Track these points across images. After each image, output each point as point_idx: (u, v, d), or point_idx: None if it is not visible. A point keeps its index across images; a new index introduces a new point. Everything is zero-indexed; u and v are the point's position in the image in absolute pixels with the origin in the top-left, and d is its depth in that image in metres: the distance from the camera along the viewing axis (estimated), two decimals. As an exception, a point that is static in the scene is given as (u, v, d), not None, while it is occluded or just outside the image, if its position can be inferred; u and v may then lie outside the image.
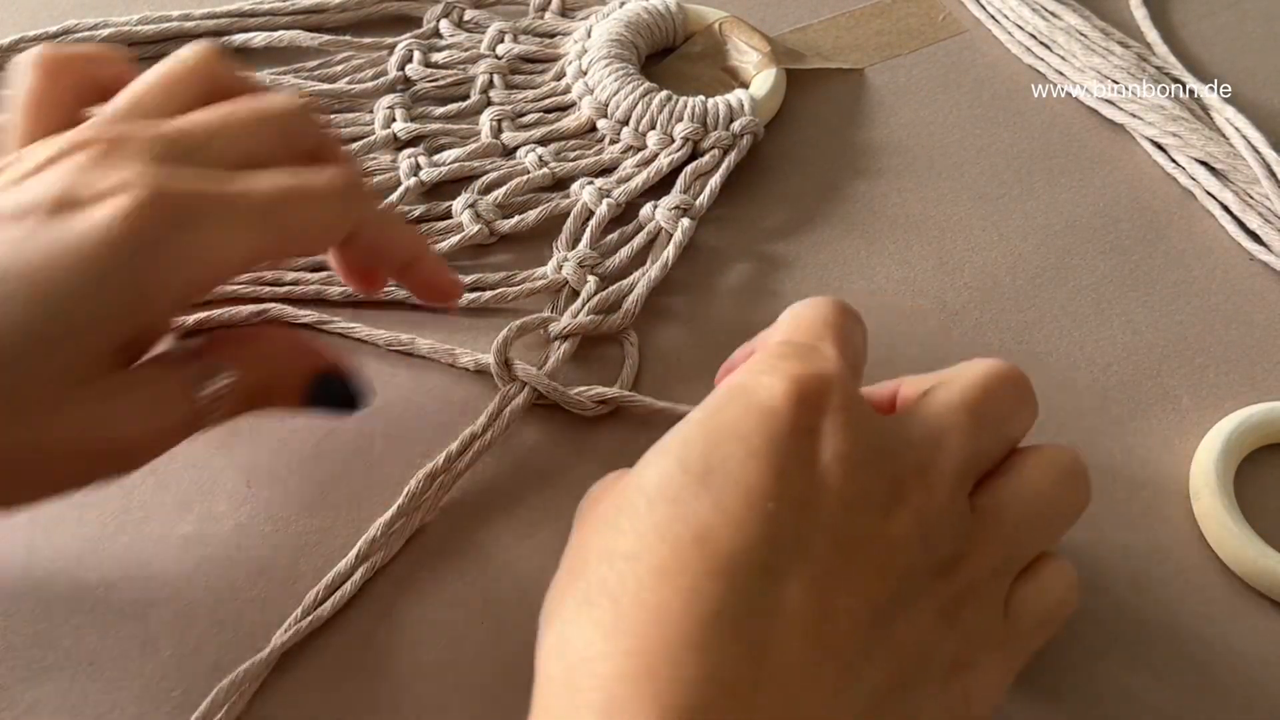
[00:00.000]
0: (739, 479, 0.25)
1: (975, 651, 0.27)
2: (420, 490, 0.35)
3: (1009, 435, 0.29)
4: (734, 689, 0.23)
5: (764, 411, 0.26)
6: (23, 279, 0.26)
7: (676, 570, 0.24)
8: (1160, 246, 0.43)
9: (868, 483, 0.26)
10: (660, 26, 0.48)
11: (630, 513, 0.26)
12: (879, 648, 0.25)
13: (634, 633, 0.24)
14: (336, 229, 0.32)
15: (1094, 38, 0.49)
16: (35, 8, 0.49)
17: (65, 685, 0.32)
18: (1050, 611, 0.29)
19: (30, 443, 0.27)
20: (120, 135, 0.29)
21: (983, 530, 0.27)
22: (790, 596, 0.24)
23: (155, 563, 0.34)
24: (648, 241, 0.42)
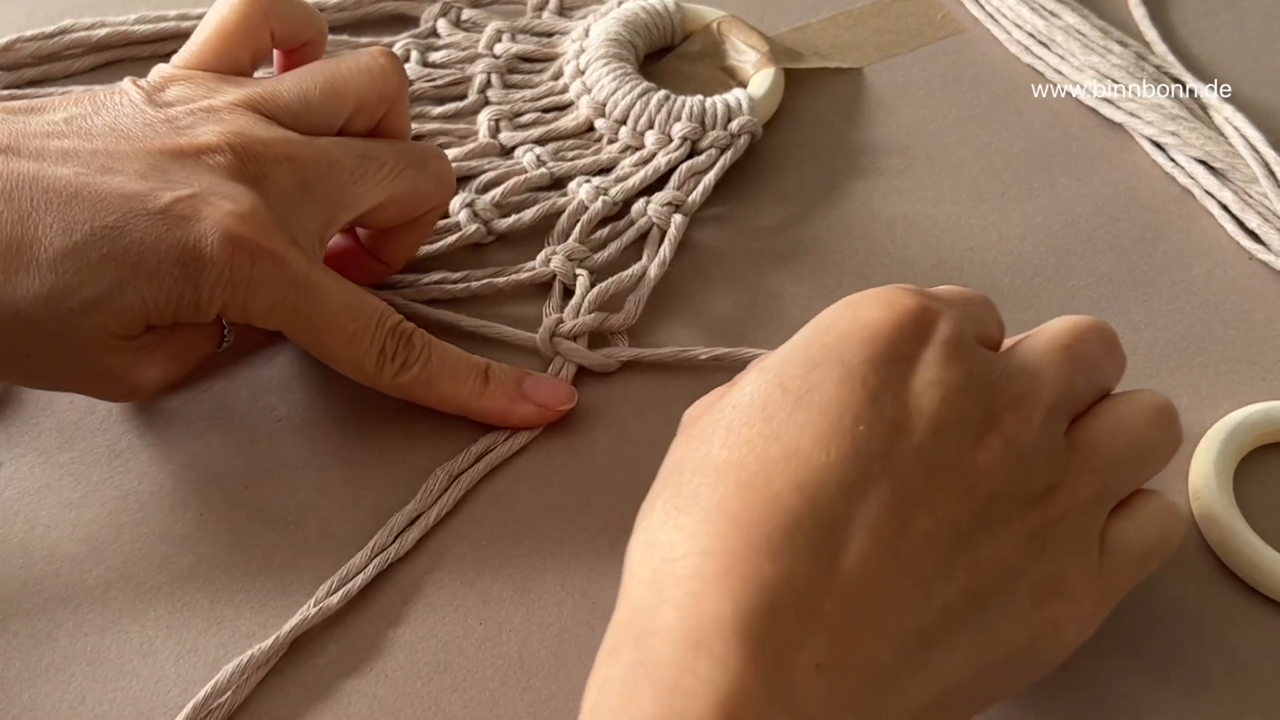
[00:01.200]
0: (833, 399, 0.27)
1: (1069, 580, 0.28)
2: (440, 488, 0.35)
3: (1099, 380, 0.30)
4: (804, 592, 0.24)
5: (867, 335, 0.28)
6: (119, 251, 0.30)
7: (762, 482, 0.26)
8: (1159, 246, 0.43)
9: (962, 410, 0.27)
10: (658, 26, 0.48)
11: (725, 427, 0.27)
12: (958, 566, 0.26)
13: (716, 534, 0.25)
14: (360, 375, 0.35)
15: (1093, 36, 0.49)
16: (31, 7, 0.49)
17: (64, 685, 0.31)
18: (1148, 547, 0.30)
19: (62, 366, 0.32)
20: (264, 150, 0.33)
21: (1077, 463, 0.28)
22: (869, 512, 0.25)
23: (153, 563, 0.34)
24: (638, 237, 0.42)
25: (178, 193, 0.31)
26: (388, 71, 0.36)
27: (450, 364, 0.36)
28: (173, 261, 0.31)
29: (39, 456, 0.36)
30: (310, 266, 0.33)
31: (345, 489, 0.35)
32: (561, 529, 0.35)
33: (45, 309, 0.30)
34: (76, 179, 0.31)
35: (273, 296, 0.32)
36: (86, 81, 0.46)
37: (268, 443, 0.36)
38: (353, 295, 0.34)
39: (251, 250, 0.31)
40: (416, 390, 0.35)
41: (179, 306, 0.31)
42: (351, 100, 0.36)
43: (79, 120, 0.32)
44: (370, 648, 0.32)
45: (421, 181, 0.36)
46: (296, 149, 0.33)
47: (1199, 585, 0.34)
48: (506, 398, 0.36)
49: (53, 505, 0.35)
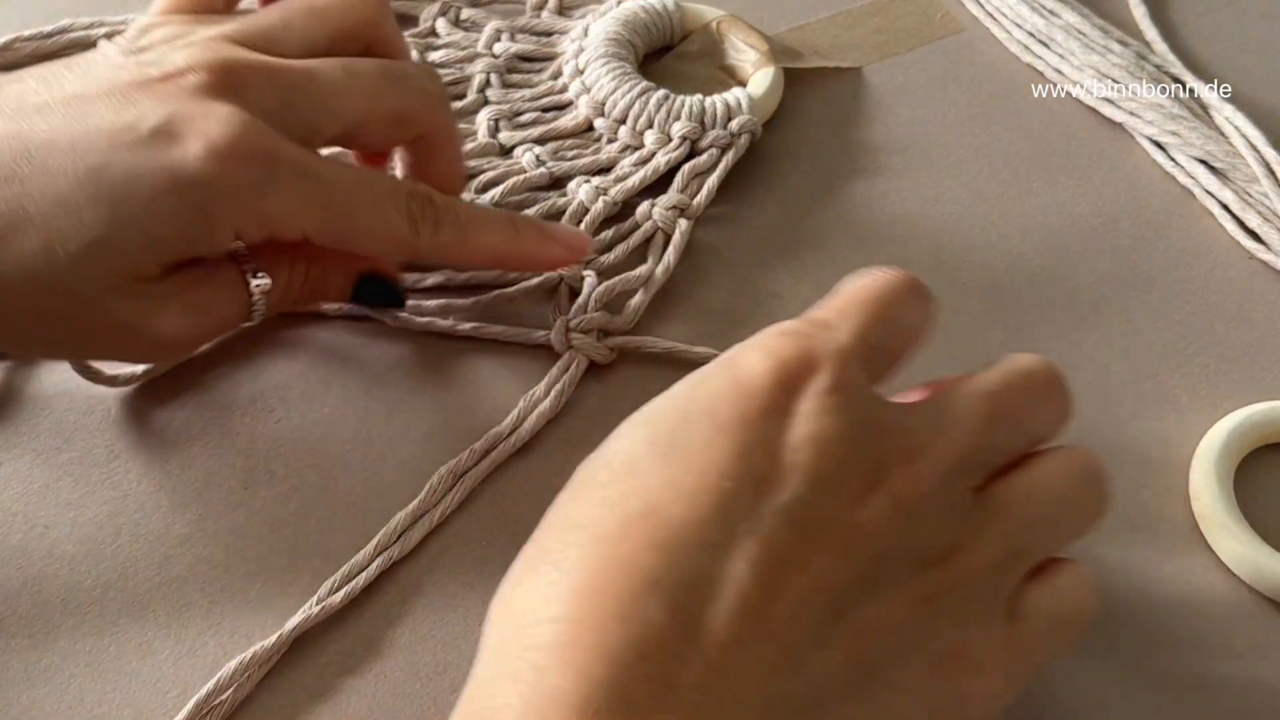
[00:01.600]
0: (700, 454, 0.25)
1: (972, 649, 0.26)
2: (444, 487, 0.35)
3: (1030, 432, 0.28)
4: (656, 660, 0.23)
5: (740, 388, 0.26)
6: (106, 190, 0.30)
7: (618, 540, 0.24)
8: (1159, 245, 0.43)
9: (840, 465, 0.25)
10: (658, 25, 0.48)
11: (591, 484, 0.26)
12: (838, 634, 0.24)
13: (566, 600, 0.24)
14: (400, 241, 0.34)
15: (1093, 36, 0.49)
16: (30, 7, 0.49)
17: (62, 686, 0.31)
18: (1063, 616, 0.28)
19: (79, 325, 0.32)
20: (241, 69, 0.32)
21: (987, 523, 0.27)
22: (735, 574, 0.24)
23: (152, 564, 0.34)
24: (644, 240, 0.42)
25: (154, 119, 0.30)
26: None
27: (479, 215, 0.36)
28: (165, 189, 0.30)
29: (37, 457, 0.36)
30: (306, 155, 0.32)
31: (344, 490, 0.35)
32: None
33: (44, 262, 0.30)
34: (52, 129, 0.30)
35: (282, 194, 0.31)
36: (85, 81, 0.46)
37: (267, 443, 0.36)
38: (361, 171, 0.33)
39: (244, 155, 0.30)
40: (455, 246, 0.35)
41: (187, 235, 0.31)
42: (331, 23, 0.35)
43: (51, 79, 0.32)
44: (370, 648, 0.32)
45: (406, 96, 0.35)
46: (271, 64, 0.33)
47: (1199, 585, 0.34)
48: (538, 240, 0.37)
49: (51, 506, 0.35)
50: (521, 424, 0.37)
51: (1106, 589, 0.34)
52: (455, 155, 0.38)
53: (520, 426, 0.37)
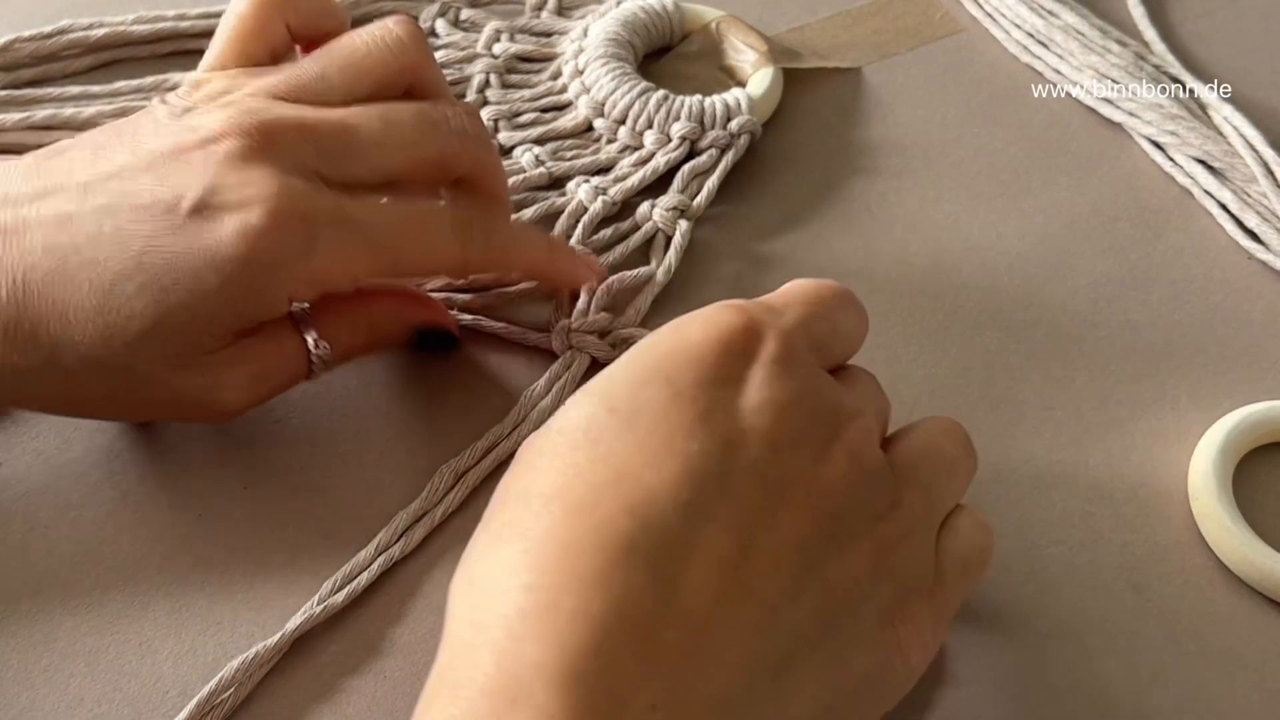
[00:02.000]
0: (662, 418, 0.25)
1: (911, 601, 0.27)
2: (445, 485, 0.35)
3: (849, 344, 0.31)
4: (638, 624, 0.23)
5: (693, 355, 0.27)
6: (151, 278, 0.30)
7: (591, 505, 0.24)
8: (1158, 245, 0.43)
9: (798, 426, 0.26)
10: (657, 26, 0.48)
11: (551, 454, 0.26)
12: (807, 588, 0.25)
13: (540, 567, 0.24)
14: (450, 264, 0.35)
15: (1091, 36, 0.49)
16: (29, 8, 0.49)
17: (62, 686, 0.31)
18: (971, 558, 0.29)
19: (144, 399, 0.33)
20: (276, 130, 0.32)
21: (905, 481, 0.28)
22: (708, 534, 0.24)
23: (151, 564, 0.34)
24: (644, 240, 0.42)
25: (190, 198, 0.30)
26: (405, 42, 0.35)
27: (518, 230, 0.37)
28: (207, 270, 0.30)
29: (37, 457, 0.36)
30: (341, 204, 0.32)
31: (343, 490, 0.35)
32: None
33: (104, 349, 0.30)
34: (98, 214, 0.31)
35: (325, 253, 0.31)
36: (85, 82, 0.46)
37: (266, 443, 0.36)
38: (398, 204, 0.33)
39: (281, 226, 0.31)
40: (502, 259, 0.36)
41: (237, 309, 0.31)
42: (371, 75, 0.35)
43: (101, 148, 0.32)
44: (370, 647, 0.32)
45: (445, 141, 0.35)
46: (307, 119, 0.33)
47: (1198, 585, 0.34)
48: (570, 259, 0.38)
49: (51, 506, 0.35)
50: (523, 421, 0.37)
51: (1106, 587, 0.34)
52: (498, 190, 0.38)
53: (521, 424, 0.37)
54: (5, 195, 0.31)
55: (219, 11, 0.47)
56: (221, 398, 0.33)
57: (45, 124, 0.43)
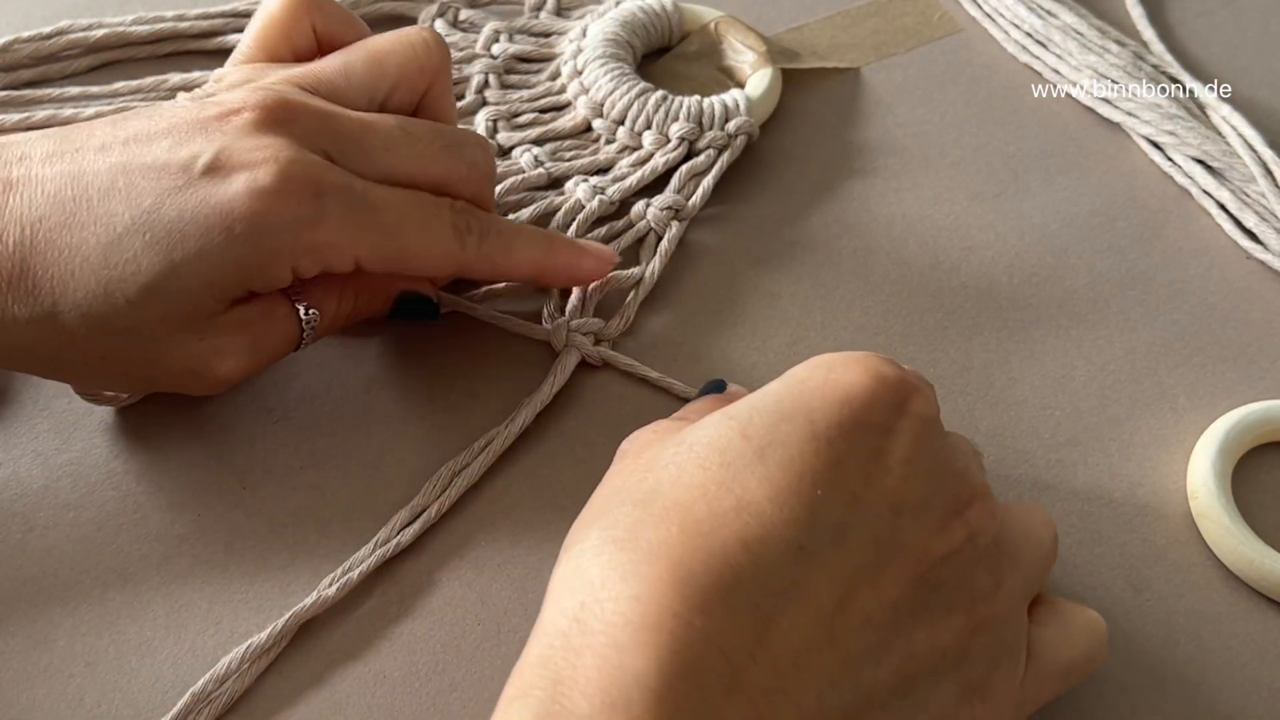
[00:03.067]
0: (795, 457, 0.25)
1: (995, 682, 0.27)
2: (443, 484, 0.35)
3: None
4: (732, 656, 0.23)
5: (841, 397, 0.27)
6: (160, 233, 0.30)
7: (709, 531, 0.24)
8: (1157, 245, 0.43)
9: (925, 493, 0.26)
10: (656, 26, 0.48)
11: (677, 465, 0.26)
12: (892, 650, 0.25)
13: (652, 579, 0.24)
14: (448, 259, 0.35)
15: (1090, 36, 0.49)
16: (28, 8, 0.49)
17: (61, 686, 0.31)
18: (1074, 661, 0.29)
19: (140, 363, 0.32)
20: (295, 107, 0.32)
21: (1009, 566, 0.28)
22: (812, 582, 0.24)
23: (151, 564, 0.34)
24: (636, 240, 0.42)
25: (204, 158, 0.31)
26: (430, 46, 0.36)
27: (517, 229, 0.37)
28: (216, 229, 0.30)
29: (36, 458, 0.36)
30: (352, 180, 0.32)
31: (343, 490, 0.35)
32: (560, 529, 0.35)
33: (106, 304, 0.30)
34: (111, 171, 0.31)
35: (333, 225, 0.32)
36: (84, 83, 0.46)
37: (265, 443, 0.36)
38: (405, 192, 0.34)
39: (292, 189, 0.31)
40: (499, 257, 0.36)
41: (243, 272, 0.31)
42: (393, 72, 0.36)
43: (121, 120, 0.33)
44: (369, 648, 0.32)
45: (457, 168, 0.36)
46: (328, 110, 0.33)
47: (1196, 585, 0.34)
48: (571, 253, 0.38)
49: (51, 506, 0.35)
50: (517, 416, 0.37)
51: (1105, 586, 0.34)
52: None
53: (516, 419, 0.37)
54: (24, 154, 0.32)
55: (218, 12, 0.48)
56: (217, 365, 0.33)
57: (44, 124, 0.43)
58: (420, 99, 0.37)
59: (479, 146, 0.37)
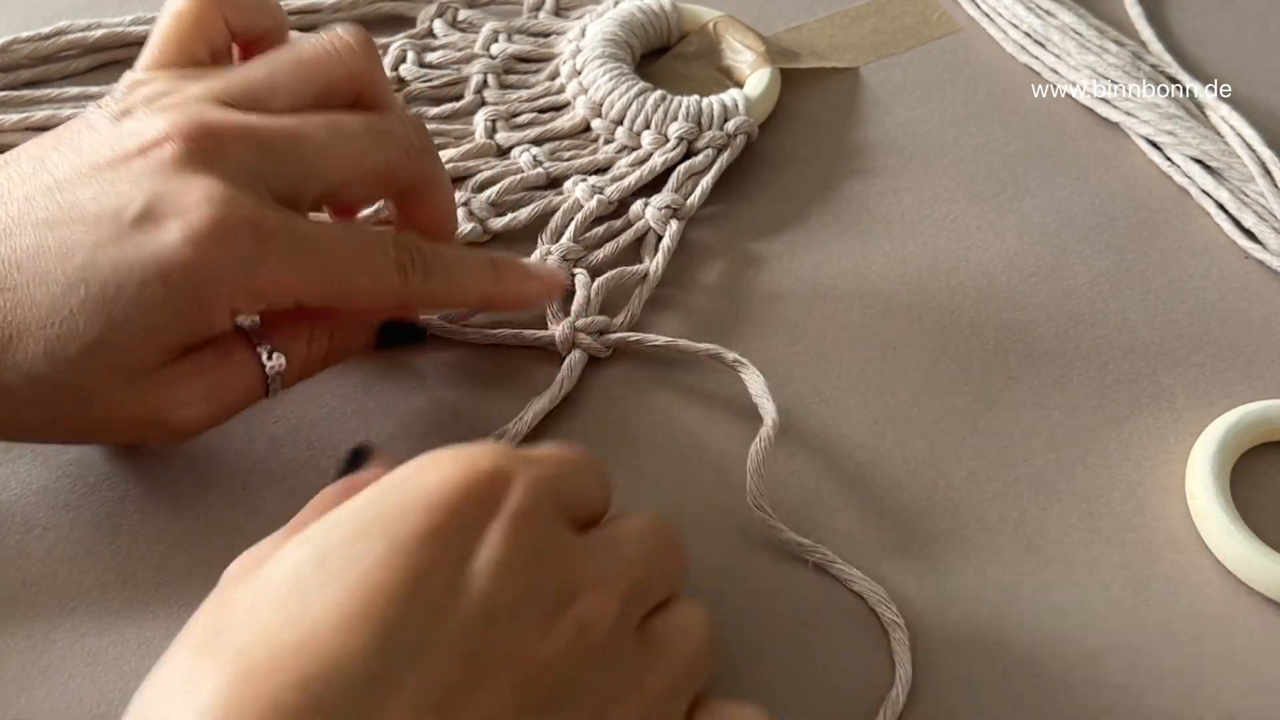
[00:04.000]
0: (370, 576, 0.23)
1: None
2: None
3: (671, 579, 0.29)
4: None
5: (426, 502, 0.25)
6: (95, 289, 0.29)
7: (263, 676, 0.22)
8: (1156, 245, 0.43)
9: (523, 592, 0.24)
10: (655, 26, 0.48)
11: (248, 606, 0.24)
12: None
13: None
14: (391, 294, 0.33)
15: (1089, 36, 0.49)
16: (27, 8, 0.49)
17: (61, 687, 0.31)
18: None
19: (92, 419, 0.31)
20: (220, 133, 0.31)
21: (653, 658, 0.27)
22: (392, 712, 0.22)
23: (150, 564, 0.34)
24: (635, 239, 0.42)
25: (134, 207, 0.29)
26: (354, 49, 0.34)
27: (462, 259, 0.35)
28: (152, 280, 0.29)
29: (36, 458, 0.36)
30: (290, 220, 0.31)
31: (342, 490, 0.35)
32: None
33: (48, 365, 0.29)
34: (39, 229, 0.29)
35: (271, 267, 0.30)
36: (83, 83, 0.46)
37: (265, 444, 0.36)
38: (346, 228, 0.33)
39: (226, 233, 0.29)
40: (443, 291, 0.34)
41: (183, 321, 0.30)
42: (317, 80, 0.34)
43: (40, 161, 0.31)
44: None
45: (391, 153, 0.34)
46: (253, 126, 0.31)
47: (1195, 584, 0.34)
48: (519, 277, 0.36)
49: (50, 507, 0.35)
50: (523, 416, 0.37)
51: (1104, 586, 0.34)
52: (443, 206, 0.37)
53: (522, 419, 0.37)
54: None
55: (217, 12, 0.47)
56: (175, 415, 0.32)
57: (43, 124, 0.43)
58: (353, 100, 0.35)
59: (412, 127, 0.35)
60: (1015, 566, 0.34)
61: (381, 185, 0.35)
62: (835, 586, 0.34)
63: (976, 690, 0.32)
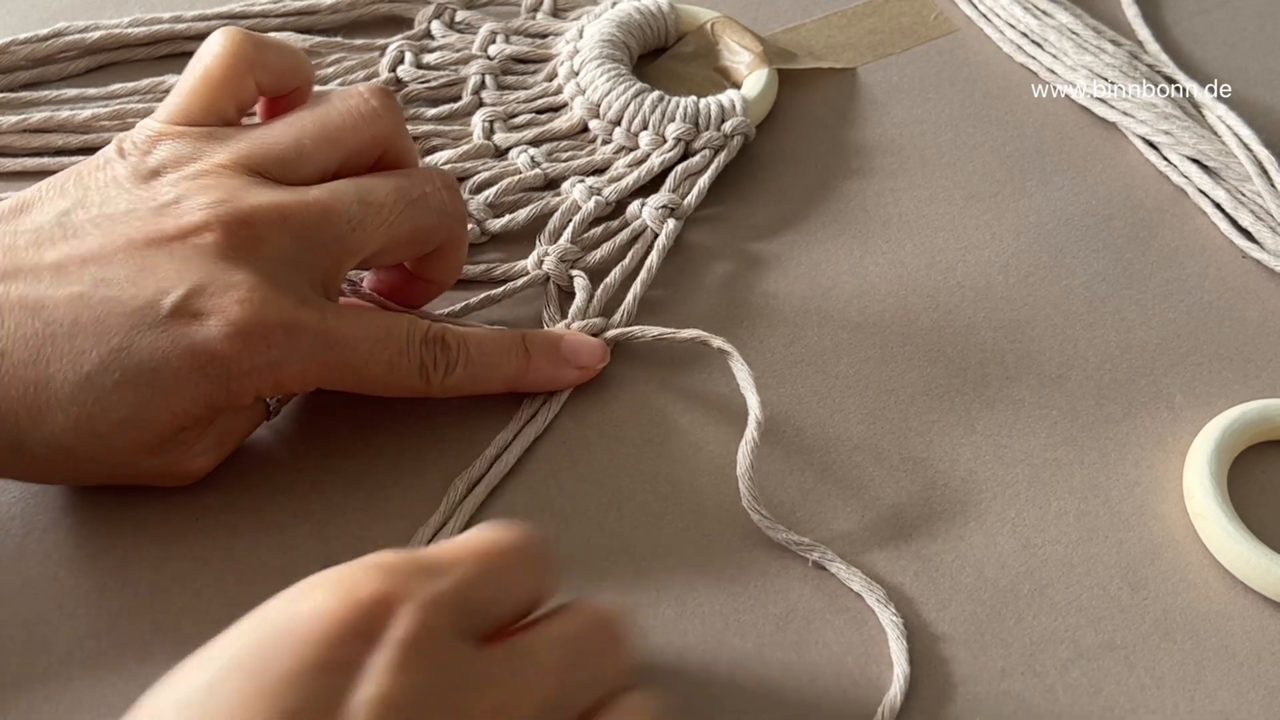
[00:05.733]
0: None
1: None
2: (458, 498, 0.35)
3: (605, 678, 0.26)
4: None
5: (299, 635, 0.23)
6: (131, 374, 0.30)
7: None
8: (1153, 245, 0.43)
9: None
10: (652, 27, 0.48)
11: None
12: None
13: None
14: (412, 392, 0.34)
15: (1085, 36, 0.49)
16: (25, 9, 0.49)
17: (60, 688, 0.31)
18: None
19: (109, 476, 0.33)
20: (257, 223, 0.31)
21: None
22: None
23: (149, 565, 0.34)
24: (631, 238, 0.42)
25: (174, 296, 0.30)
26: (379, 112, 0.35)
27: (490, 349, 0.35)
28: (189, 370, 0.30)
29: (35, 460, 0.36)
30: (325, 318, 0.32)
31: (340, 492, 0.35)
32: (556, 530, 0.35)
33: (74, 438, 0.30)
34: (74, 303, 0.30)
35: (300, 364, 0.32)
36: (81, 84, 0.46)
37: (264, 445, 0.36)
38: (376, 325, 0.33)
39: (263, 333, 0.30)
40: (467, 386, 0.35)
41: (209, 404, 0.31)
42: (345, 146, 0.34)
43: (68, 216, 0.31)
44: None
45: (423, 219, 0.35)
46: (288, 207, 0.32)
47: (1193, 583, 0.34)
48: (550, 365, 0.36)
49: (49, 508, 0.35)
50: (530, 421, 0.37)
51: (1102, 586, 0.34)
52: (459, 261, 0.37)
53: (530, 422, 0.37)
54: None
55: (216, 14, 0.48)
56: (187, 465, 0.33)
57: (41, 126, 0.43)
58: (377, 161, 0.36)
59: (444, 189, 0.35)
60: (1013, 565, 0.34)
61: (412, 250, 0.36)
62: (835, 586, 0.34)
63: (975, 690, 0.32)
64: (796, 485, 0.36)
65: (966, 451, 0.37)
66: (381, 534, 0.34)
